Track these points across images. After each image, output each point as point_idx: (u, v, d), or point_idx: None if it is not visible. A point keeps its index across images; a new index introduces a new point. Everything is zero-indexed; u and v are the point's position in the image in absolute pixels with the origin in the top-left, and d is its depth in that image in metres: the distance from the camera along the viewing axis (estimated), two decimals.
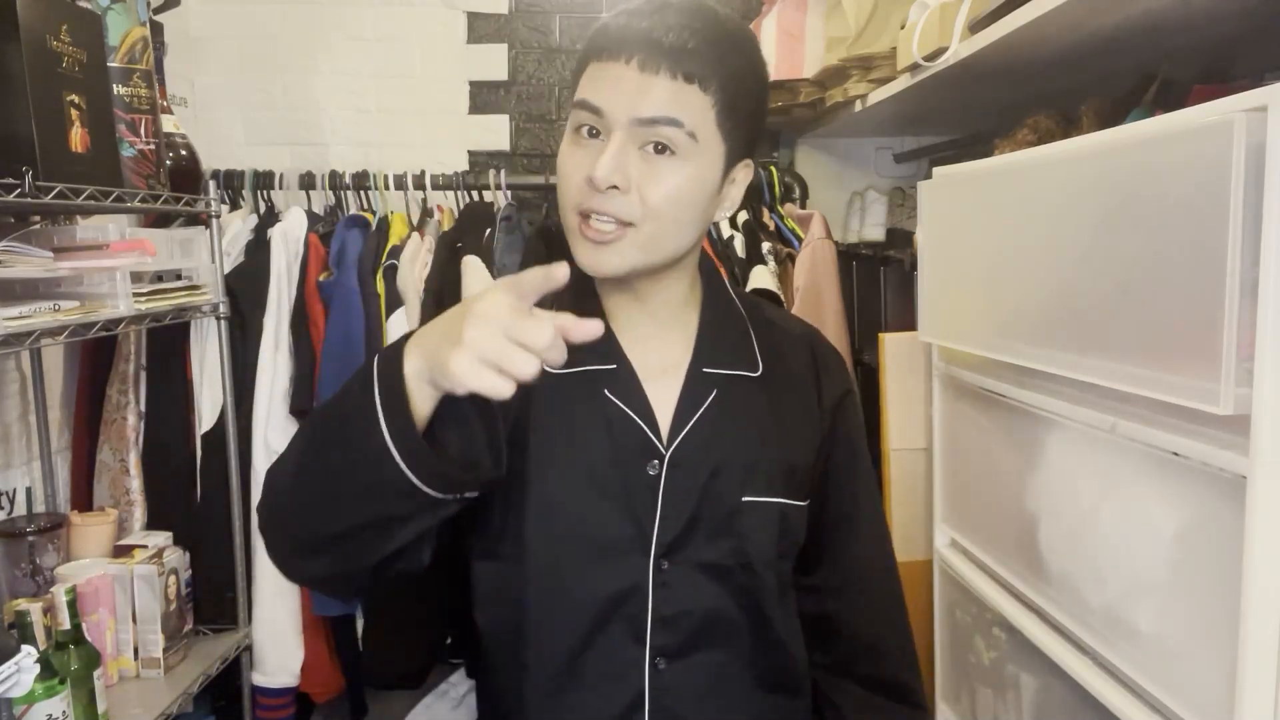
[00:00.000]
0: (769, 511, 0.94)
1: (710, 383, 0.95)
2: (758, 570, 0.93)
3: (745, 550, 0.93)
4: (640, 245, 0.86)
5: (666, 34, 0.83)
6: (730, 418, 0.94)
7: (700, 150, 0.85)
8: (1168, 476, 0.84)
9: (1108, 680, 0.94)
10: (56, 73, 1.21)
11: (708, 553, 0.92)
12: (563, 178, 0.88)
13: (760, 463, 0.95)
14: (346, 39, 2.26)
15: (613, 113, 0.83)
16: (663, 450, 0.91)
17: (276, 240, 1.79)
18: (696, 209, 0.88)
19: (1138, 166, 0.83)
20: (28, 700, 1.22)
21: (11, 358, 1.64)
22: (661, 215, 0.85)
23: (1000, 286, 1.11)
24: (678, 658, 0.92)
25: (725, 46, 0.85)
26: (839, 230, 2.22)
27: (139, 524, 1.72)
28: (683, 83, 0.83)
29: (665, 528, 0.91)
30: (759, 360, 0.98)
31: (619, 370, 0.93)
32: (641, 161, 0.84)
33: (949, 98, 1.63)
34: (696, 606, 0.92)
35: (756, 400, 0.96)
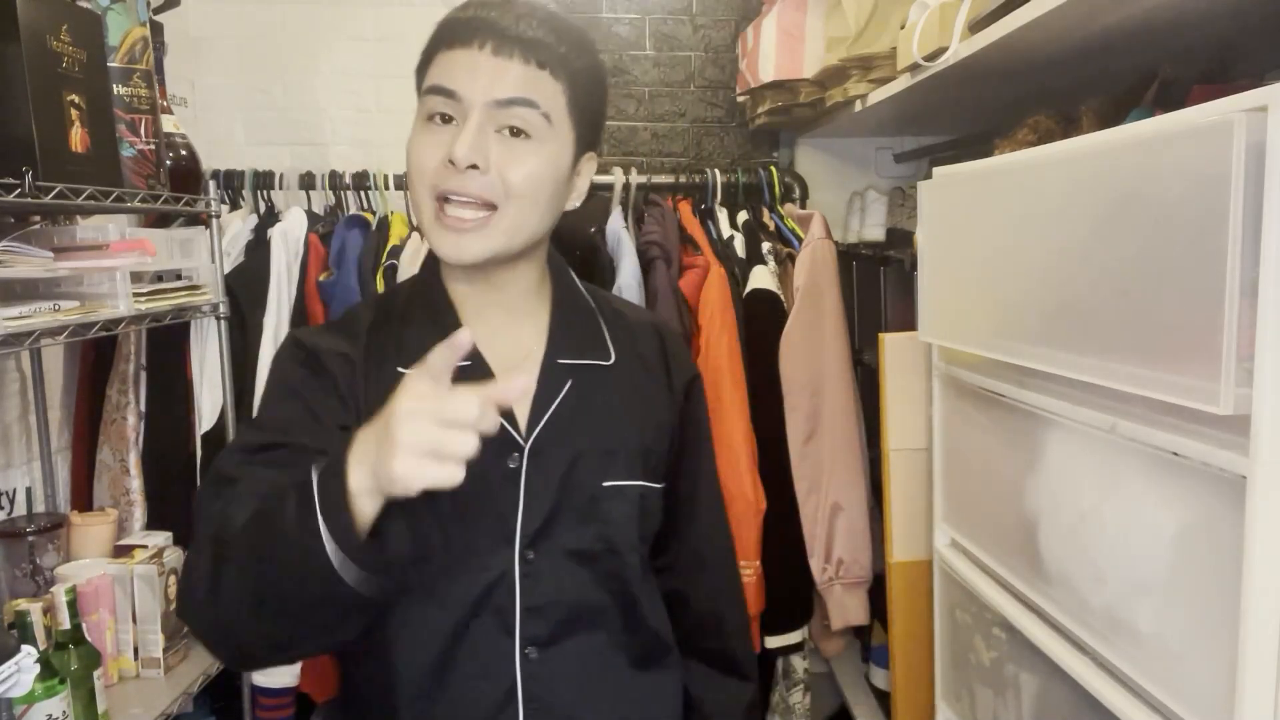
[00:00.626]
0: (630, 495, 0.97)
1: (565, 373, 0.97)
2: (622, 553, 0.96)
3: (609, 535, 0.95)
4: (504, 229, 0.88)
5: (517, 23, 0.87)
6: (587, 406, 0.97)
7: (554, 134, 0.89)
8: (1168, 476, 0.83)
9: (1108, 680, 0.94)
10: (56, 73, 1.21)
11: (572, 540, 0.94)
12: (415, 163, 0.89)
13: (618, 448, 0.97)
14: (346, 39, 2.26)
15: (468, 95, 0.86)
16: (521, 442, 0.93)
17: (276, 240, 1.79)
18: (552, 192, 0.91)
19: (1138, 166, 0.83)
20: (28, 700, 1.22)
21: (11, 358, 1.64)
22: (523, 196, 0.88)
23: (1000, 286, 1.11)
24: (548, 646, 0.93)
25: (571, 42, 0.90)
26: (839, 230, 2.22)
27: (139, 524, 1.72)
28: (535, 68, 0.87)
29: (528, 518, 0.92)
30: (611, 349, 1.01)
31: (472, 366, 0.92)
32: (499, 144, 0.86)
33: (949, 98, 1.63)
34: (564, 594, 0.93)
35: (610, 387, 0.99)
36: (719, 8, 2.33)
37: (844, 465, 1.79)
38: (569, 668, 0.94)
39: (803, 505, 1.78)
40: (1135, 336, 0.83)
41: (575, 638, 0.94)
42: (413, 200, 0.91)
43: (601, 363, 1.00)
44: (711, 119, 2.37)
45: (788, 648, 1.84)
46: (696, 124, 2.37)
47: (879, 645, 1.99)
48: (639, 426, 1.00)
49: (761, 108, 2.09)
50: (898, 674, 1.57)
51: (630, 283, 1.76)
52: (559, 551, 0.93)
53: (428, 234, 0.90)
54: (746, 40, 2.12)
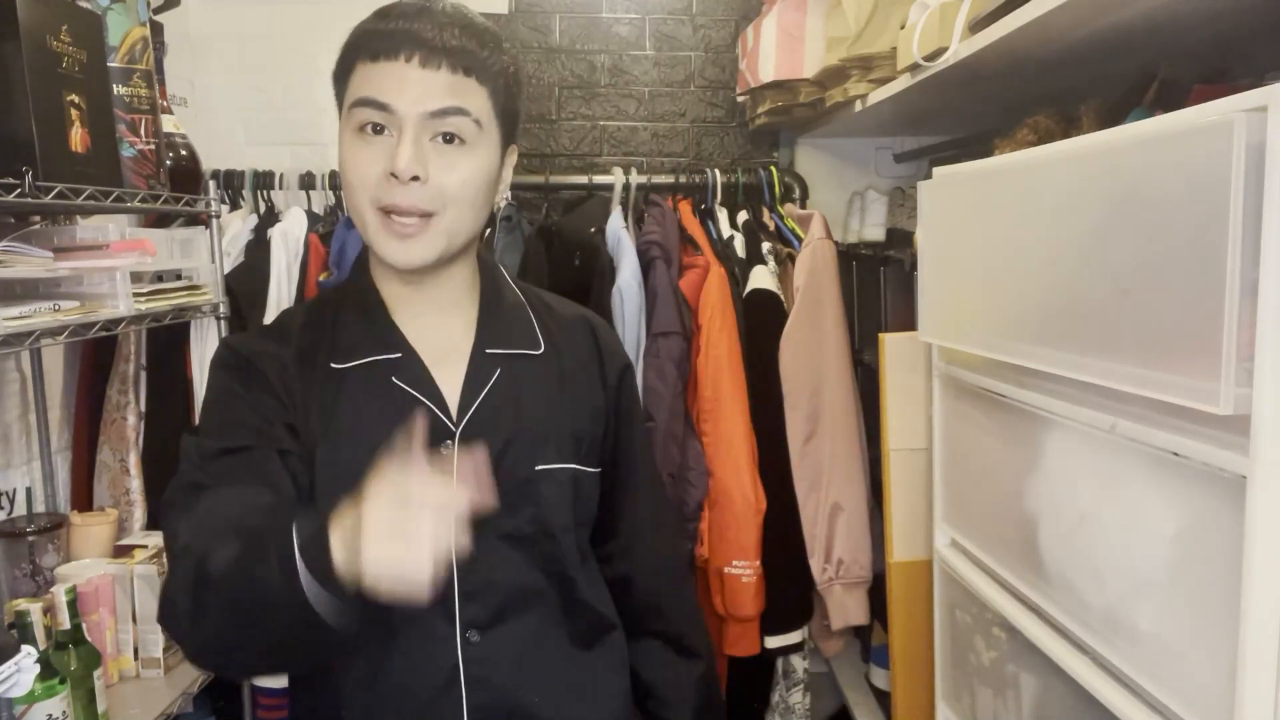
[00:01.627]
0: (562, 477, 1.00)
1: (494, 362, 1.00)
2: (557, 535, 0.99)
3: (543, 516, 0.98)
4: (444, 232, 0.92)
5: (440, 33, 0.89)
6: (516, 393, 1.00)
7: (484, 138, 0.93)
8: (1168, 476, 0.83)
9: (1108, 680, 0.94)
10: (56, 73, 1.21)
11: (507, 524, 0.96)
12: (355, 176, 0.92)
13: (549, 433, 1.00)
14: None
15: (402, 108, 0.89)
16: (453, 429, 0.95)
17: (276, 240, 1.79)
18: (485, 193, 0.95)
19: (1138, 166, 0.83)
20: (28, 700, 1.22)
21: (11, 358, 1.64)
22: (460, 201, 0.92)
23: (1000, 286, 1.11)
24: (488, 628, 0.95)
25: (489, 44, 0.93)
26: (839, 230, 2.22)
27: (139, 524, 1.72)
28: (462, 76, 0.90)
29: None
30: (540, 339, 1.05)
31: (404, 358, 0.97)
32: (434, 153, 0.90)
33: (949, 98, 1.63)
34: (501, 577, 0.96)
35: (540, 376, 1.03)
36: (719, 8, 2.33)
37: (844, 465, 1.79)
38: (510, 649, 0.96)
39: (803, 505, 1.78)
40: (1135, 336, 0.83)
41: (515, 620, 0.97)
42: (353, 210, 0.94)
43: (530, 352, 1.03)
44: (711, 119, 2.37)
45: (788, 648, 1.84)
46: (696, 124, 2.37)
47: (879, 645, 2.00)
48: (570, 412, 1.03)
49: (761, 108, 2.09)
50: (898, 674, 1.57)
51: (630, 283, 1.75)
52: (493, 536, 0.95)
53: (372, 242, 0.94)
54: (746, 40, 2.12)
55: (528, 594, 0.98)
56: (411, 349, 0.98)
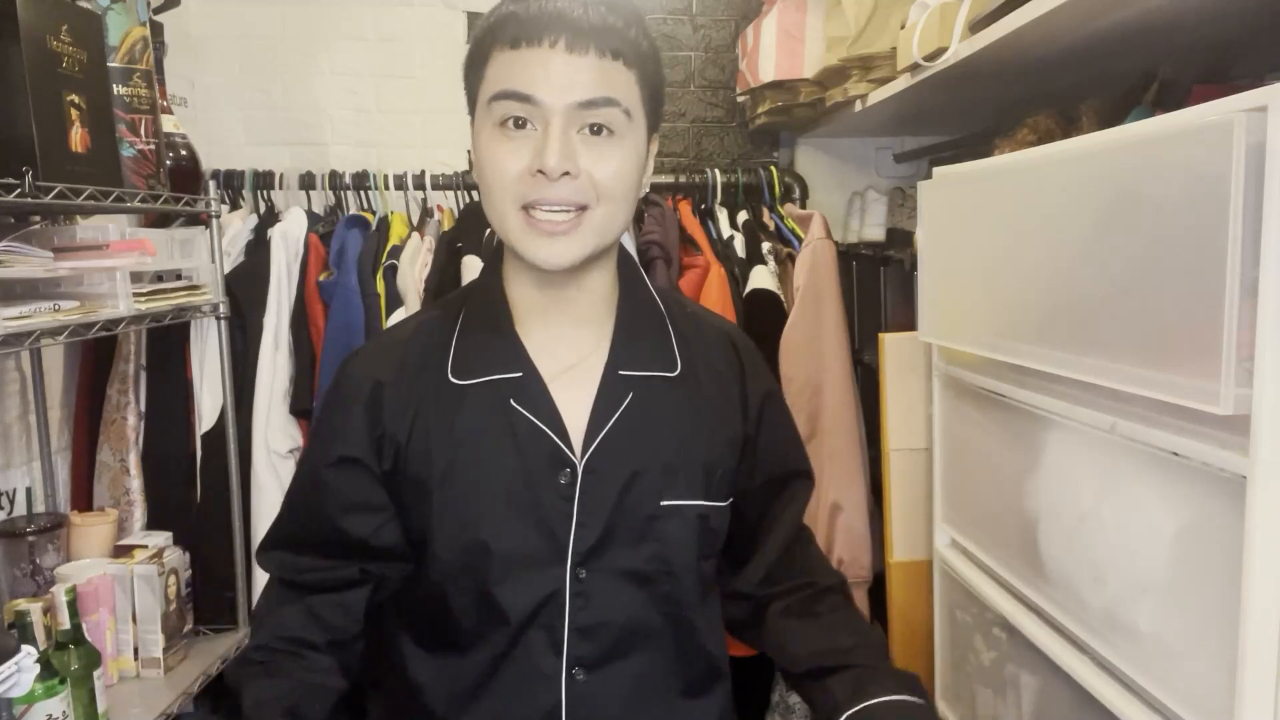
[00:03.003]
0: (689, 514, 0.92)
1: (627, 385, 0.91)
2: (679, 575, 0.92)
3: (666, 555, 0.91)
4: (595, 229, 0.85)
5: (586, 12, 0.81)
6: (647, 421, 0.91)
7: (633, 127, 0.85)
8: (1168, 476, 0.83)
9: (1108, 680, 0.94)
10: (56, 73, 1.21)
11: (627, 560, 0.90)
12: (497, 174, 0.83)
13: (679, 465, 0.92)
14: (346, 39, 2.26)
15: (548, 99, 0.80)
16: (574, 459, 0.89)
17: (276, 240, 1.79)
18: (636, 186, 0.87)
19: (1138, 166, 0.83)
20: (28, 700, 1.22)
21: (11, 358, 1.64)
22: (613, 195, 0.84)
23: (1000, 286, 1.11)
24: (596, 668, 0.89)
25: (635, 23, 0.85)
26: (839, 230, 2.22)
27: (139, 524, 1.72)
28: (610, 60, 0.82)
29: (581, 536, 0.88)
30: (678, 359, 0.95)
31: (524, 378, 0.89)
32: (583, 145, 0.82)
33: (949, 98, 1.63)
34: (617, 615, 0.90)
35: (675, 401, 0.93)
36: (719, 8, 2.33)
37: (844, 465, 1.78)
38: (616, 691, 0.90)
39: None
40: (1135, 336, 0.83)
41: (625, 660, 0.90)
42: (494, 210, 0.86)
43: (666, 374, 0.94)
44: (711, 119, 2.37)
45: None
46: (696, 124, 2.37)
47: None
48: (704, 442, 0.94)
49: (761, 108, 2.09)
50: None
51: None
52: (613, 571, 0.89)
53: (516, 243, 0.85)
54: (746, 40, 2.12)
55: (642, 634, 0.91)
56: (534, 367, 0.90)
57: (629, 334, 0.94)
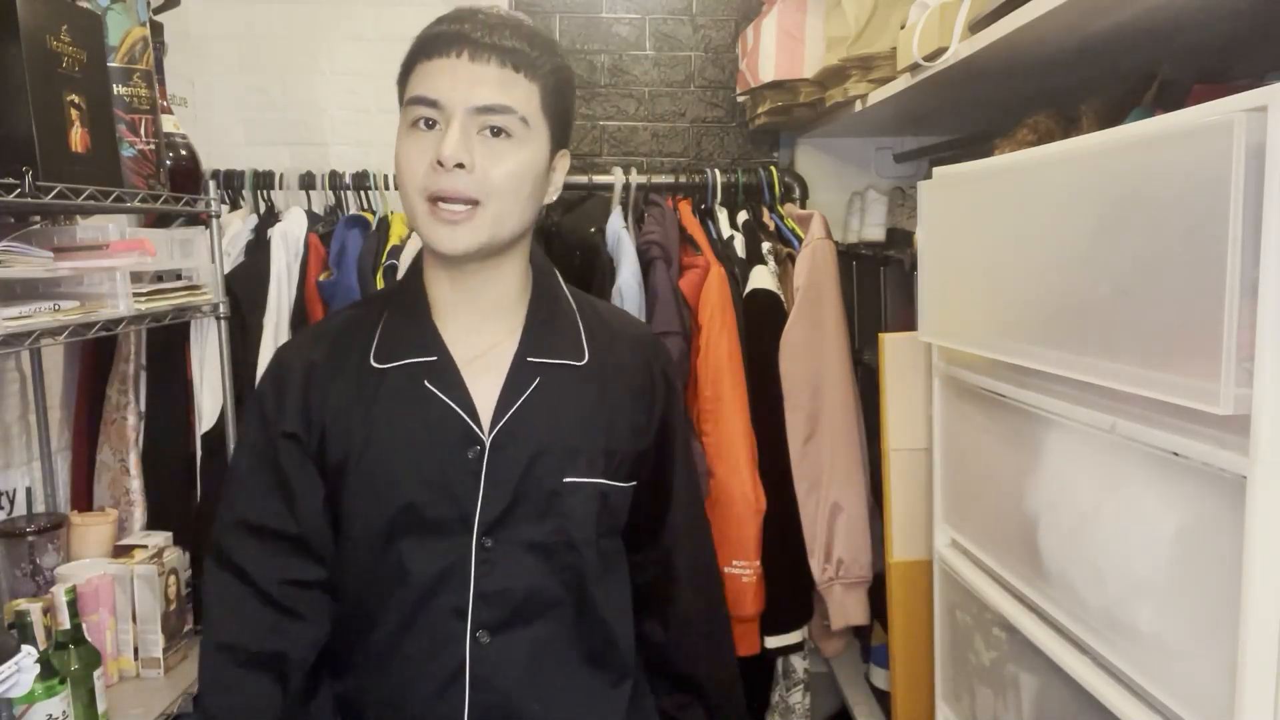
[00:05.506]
0: (590, 491, 1.00)
1: (534, 371, 1.01)
2: (579, 548, 1.00)
3: (567, 529, 0.99)
4: (489, 221, 0.94)
5: (490, 33, 0.93)
6: (552, 404, 1.00)
7: (531, 134, 0.95)
8: (1168, 476, 0.83)
9: (1108, 680, 0.94)
10: (56, 73, 1.21)
11: (531, 532, 0.98)
12: (405, 167, 0.95)
13: (581, 446, 1.01)
14: (346, 39, 2.26)
15: (449, 102, 0.92)
16: (482, 436, 0.98)
17: (276, 240, 1.79)
18: (531, 188, 0.97)
19: (1138, 166, 0.83)
20: (28, 700, 1.23)
21: (11, 358, 1.64)
22: (504, 192, 0.94)
23: (1000, 286, 1.11)
24: (499, 632, 0.97)
25: (540, 44, 0.96)
26: (839, 230, 2.22)
27: (139, 524, 1.72)
28: (511, 71, 0.93)
29: (487, 508, 0.97)
30: (585, 350, 1.05)
31: (438, 362, 0.99)
32: (481, 144, 0.93)
33: (949, 98, 1.63)
34: (519, 583, 0.98)
35: (580, 387, 1.03)
36: (719, 8, 2.33)
37: (844, 465, 1.79)
38: (518, 654, 0.98)
39: (803, 505, 1.78)
40: (1135, 336, 0.83)
41: (527, 626, 0.98)
42: (405, 202, 0.96)
43: (573, 363, 1.03)
44: (711, 119, 2.37)
45: (788, 648, 1.84)
46: (696, 124, 2.37)
47: (879, 645, 2.00)
48: (606, 426, 1.03)
49: (761, 108, 2.09)
50: (898, 674, 1.57)
51: (630, 283, 1.75)
52: (516, 542, 0.98)
53: (421, 230, 0.95)
54: (746, 40, 2.12)
55: (543, 603, 0.99)
56: (448, 352, 1.00)
57: (539, 326, 1.04)
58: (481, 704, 0.96)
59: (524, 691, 0.98)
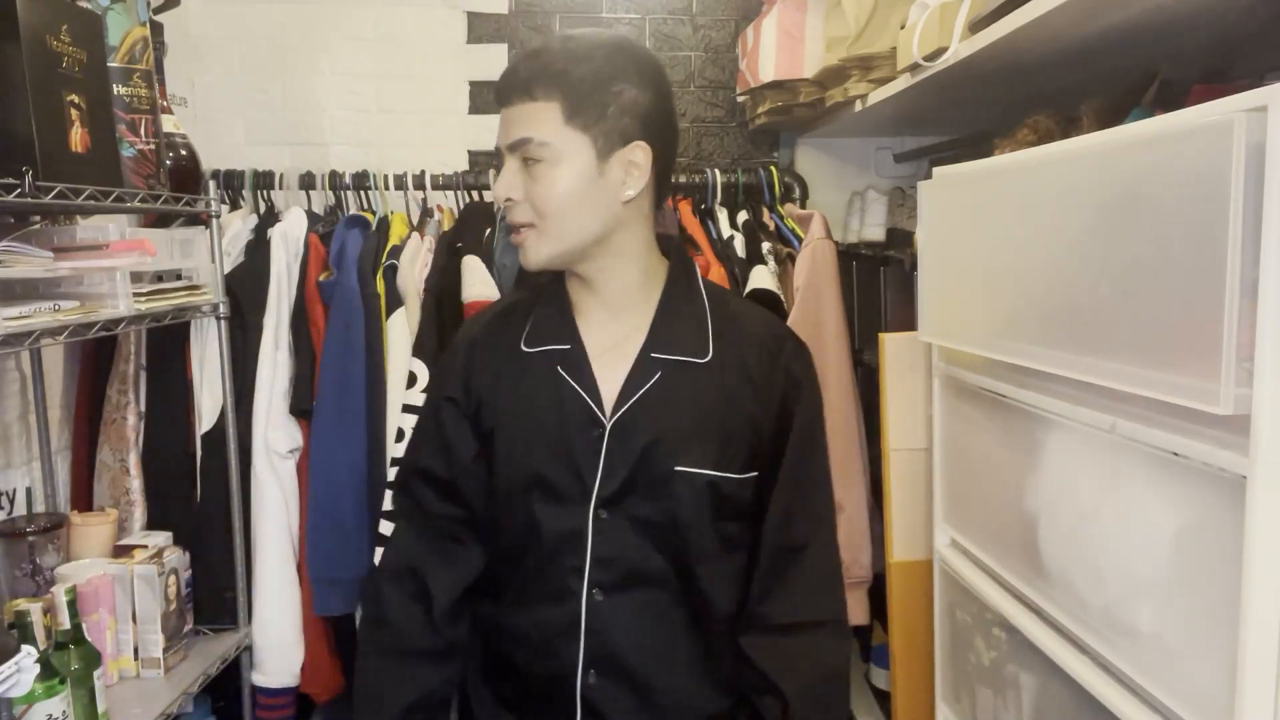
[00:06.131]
0: (698, 481, 1.09)
1: (656, 366, 1.11)
2: (682, 530, 1.09)
3: (674, 511, 1.09)
4: (549, 238, 1.07)
5: (516, 71, 1.05)
6: (671, 397, 1.10)
7: (560, 152, 1.04)
8: (1168, 476, 0.84)
9: (1108, 680, 0.94)
10: (56, 73, 1.21)
11: (640, 509, 1.09)
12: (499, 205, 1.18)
13: (695, 437, 1.09)
14: (346, 39, 2.26)
15: (501, 148, 1.09)
16: (604, 420, 1.09)
17: (276, 240, 1.79)
18: (580, 198, 1.06)
19: (1138, 166, 0.83)
20: (28, 700, 1.23)
21: (11, 358, 1.64)
22: (548, 212, 1.06)
23: (1000, 286, 1.11)
24: (611, 593, 1.10)
25: (564, 60, 1.04)
26: (839, 230, 2.22)
27: (139, 524, 1.72)
28: (528, 102, 1.04)
29: (604, 484, 1.09)
30: (710, 347, 1.12)
31: (571, 350, 1.12)
32: (525, 175, 1.06)
33: (949, 98, 1.63)
34: (629, 553, 1.10)
35: (700, 383, 1.11)
36: (719, 8, 2.33)
37: (844, 465, 1.78)
38: (626, 614, 1.10)
39: None
40: (1135, 336, 0.83)
41: (634, 590, 1.10)
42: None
43: (696, 360, 1.11)
44: (711, 119, 2.37)
45: None
46: (696, 124, 2.37)
47: (879, 645, 1.99)
48: (721, 420, 1.10)
49: (761, 108, 2.09)
50: (898, 674, 1.57)
51: None
52: (629, 517, 1.09)
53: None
54: (746, 40, 2.12)
55: (649, 572, 1.10)
56: (581, 343, 1.12)
57: (666, 323, 1.13)
58: (594, 651, 1.10)
59: (630, 647, 1.10)
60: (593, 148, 1.04)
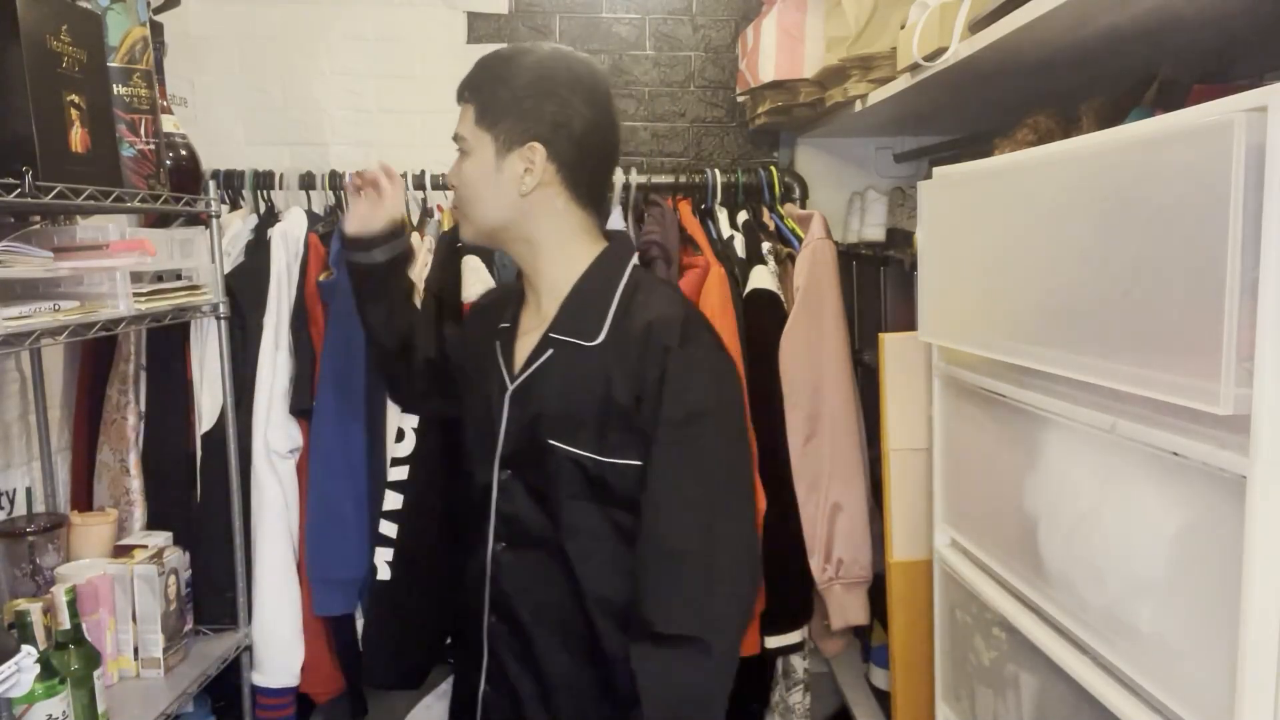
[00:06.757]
0: (566, 456, 1.19)
1: (551, 345, 1.23)
2: (553, 500, 1.20)
3: (548, 482, 1.21)
4: (463, 219, 1.28)
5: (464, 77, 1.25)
6: (558, 373, 1.22)
7: (472, 146, 1.22)
8: (1168, 476, 0.84)
9: (1108, 680, 0.94)
10: (56, 73, 1.21)
11: (529, 475, 1.23)
12: None
13: (570, 415, 1.19)
14: (346, 39, 2.26)
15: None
16: (509, 384, 1.26)
17: (276, 240, 1.79)
18: (480, 187, 1.22)
19: (1138, 166, 0.83)
20: (28, 700, 1.23)
21: (11, 358, 1.64)
22: (460, 197, 1.26)
23: (1000, 286, 1.11)
24: (510, 548, 1.25)
25: (483, 69, 1.23)
26: (839, 230, 2.22)
27: (139, 524, 1.72)
28: (461, 103, 1.25)
29: (504, 445, 1.25)
30: (603, 332, 1.20)
31: (508, 327, 1.31)
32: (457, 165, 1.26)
33: (949, 98, 1.63)
34: (521, 512, 1.23)
35: (587, 365, 1.19)
36: (719, 8, 2.33)
37: (844, 465, 1.79)
38: (521, 567, 1.24)
39: (803, 505, 1.78)
40: (1135, 336, 0.83)
41: (528, 549, 1.24)
42: None
43: (584, 342, 1.20)
44: (711, 119, 2.37)
45: (788, 648, 1.84)
46: (696, 124, 2.37)
47: (879, 645, 1.99)
48: (599, 402, 1.17)
49: (761, 108, 2.09)
50: (898, 674, 1.57)
51: None
52: (519, 480, 1.24)
53: None
54: (746, 40, 2.12)
55: (539, 536, 1.22)
56: (516, 321, 1.31)
57: (570, 309, 1.23)
58: (494, 597, 1.26)
59: (519, 599, 1.23)
60: (494, 145, 1.20)
